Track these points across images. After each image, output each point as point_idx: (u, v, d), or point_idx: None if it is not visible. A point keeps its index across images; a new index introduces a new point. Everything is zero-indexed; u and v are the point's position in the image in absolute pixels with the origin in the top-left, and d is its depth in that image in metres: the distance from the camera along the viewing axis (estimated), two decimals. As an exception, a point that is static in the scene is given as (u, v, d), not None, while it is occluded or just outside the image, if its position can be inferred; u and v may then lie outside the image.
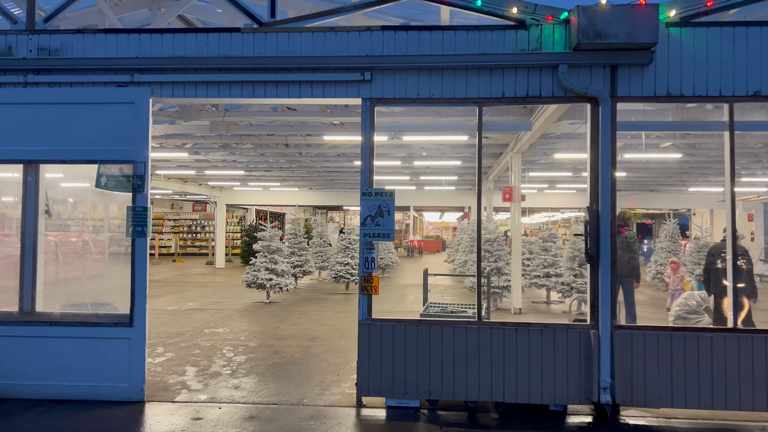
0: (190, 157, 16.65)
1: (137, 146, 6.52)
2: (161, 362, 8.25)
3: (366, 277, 6.36)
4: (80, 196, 7.78)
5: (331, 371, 7.79)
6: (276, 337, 10.14)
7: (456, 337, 6.21)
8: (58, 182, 7.50)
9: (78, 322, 6.54)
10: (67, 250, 7.64)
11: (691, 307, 9.87)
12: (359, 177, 22.25)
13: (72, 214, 7.82)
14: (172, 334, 10.39)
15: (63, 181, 7.64)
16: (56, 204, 7.24)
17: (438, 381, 6.18)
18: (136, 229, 6.48)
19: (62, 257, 7.48)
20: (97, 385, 6.43)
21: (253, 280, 14.64)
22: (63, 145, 6.56)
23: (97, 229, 8.03)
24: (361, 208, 6.37)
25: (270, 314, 12.89)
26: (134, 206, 6.49)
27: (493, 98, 6.29)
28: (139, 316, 6.47)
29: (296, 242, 19.29)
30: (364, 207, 6.36)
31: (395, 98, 6.38)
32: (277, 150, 15.36)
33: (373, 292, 6.35)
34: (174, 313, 12.93)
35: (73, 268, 7.70)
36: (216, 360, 8.42)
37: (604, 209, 6.09)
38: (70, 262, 7.65)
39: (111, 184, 6.48)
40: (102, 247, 7.99)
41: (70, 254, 7.67)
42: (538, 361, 6.09)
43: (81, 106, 6.57)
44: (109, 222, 8.33)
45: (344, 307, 14.04)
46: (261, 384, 7.15)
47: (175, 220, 35.54)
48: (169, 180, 23.02)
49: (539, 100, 6.30)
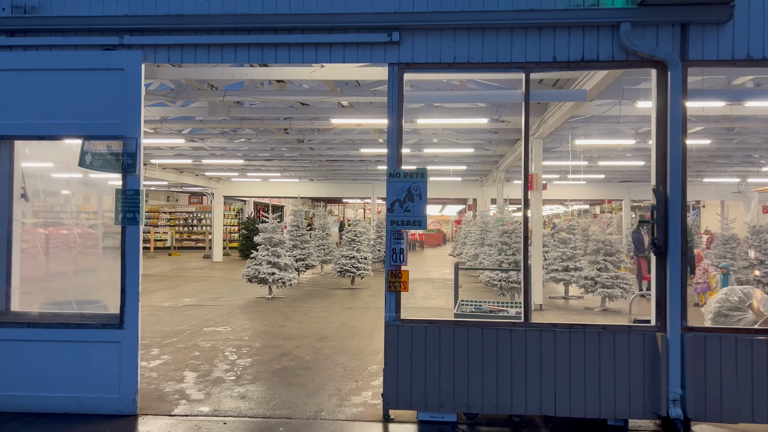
0: (186, 144, 15.71)
1: (127, 119, 5.61)
2: (157, 366, 7.37)
3: (394, 271, 5.49)
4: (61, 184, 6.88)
5: (347, 377, 6.93)
6: (282, 337, 9.26)
7: (499, 340, 5.34)
8: (32, 162, 6.60)
9: (60, 323, 5.65)
10: (51, 242, 6.75)
11: (732, 304, 9.04)
12: (364, 167, 21.46)
13: (54, 202, 6.93)
14: (169, 333, 9.51)
15: (40, 163, 6.75)
16: (39, 194, 6.35)
17: (478, 391, 5.32)
18: (126, 216, 5.58)
19: (44, 249, 6.58)
20: (83, 396, 5.55)
21: (255, 274, 13.76)
22: (41, 119, 5.65)
23: (81, 219, 7.13)
24: (387, 192, 5.49)
25: (273, 311, 12.01)
26: (124, 189, 5.59)
27: (542, 62, 5.39)
28: (131, 316, 5.59)
29: (298, 234, 18.40)
30: (391, 190, 5.48)
31: (428, 63, 5.48)
32: (279, 136, 14.45)
33: (402, 289, 5.48)
34: (170, 309, 12.04)
35: (57, 262, 6.81)
36: (218, 363, 7.55)
37: (674, 192, 5.22)
38: (53, 255, 6.76)
39: (97, 163, 5.58)
40: (90, 239, 7.10)
41: (54, 246, 6.78)
42: (596, 368, 5.23)
43: (62, 74, 5.66)
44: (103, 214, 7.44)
45: (352, 303, 13.18)
46: (270, 392, 6.28)
47: (170, 213, 34.64)
48: (165, 170, 22.06)
49: (596, 64, 5.42)
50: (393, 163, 5.51)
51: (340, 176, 25.39)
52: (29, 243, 6.38)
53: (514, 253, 12.93)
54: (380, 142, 15.59)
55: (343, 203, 48.13)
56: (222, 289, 15.61)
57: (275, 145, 16.42)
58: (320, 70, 8.11)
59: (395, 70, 5.51)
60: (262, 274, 13.65)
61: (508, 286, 12.65)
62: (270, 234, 14.19)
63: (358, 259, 16.18)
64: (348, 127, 12.55)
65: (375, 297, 14.30)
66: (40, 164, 6.72)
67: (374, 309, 12.29)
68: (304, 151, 17.40)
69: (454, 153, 16.79)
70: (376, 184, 26.89)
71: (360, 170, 22.83)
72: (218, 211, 26.93)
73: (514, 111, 10.82)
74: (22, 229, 6.17)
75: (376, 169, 22.07)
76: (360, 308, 12.40)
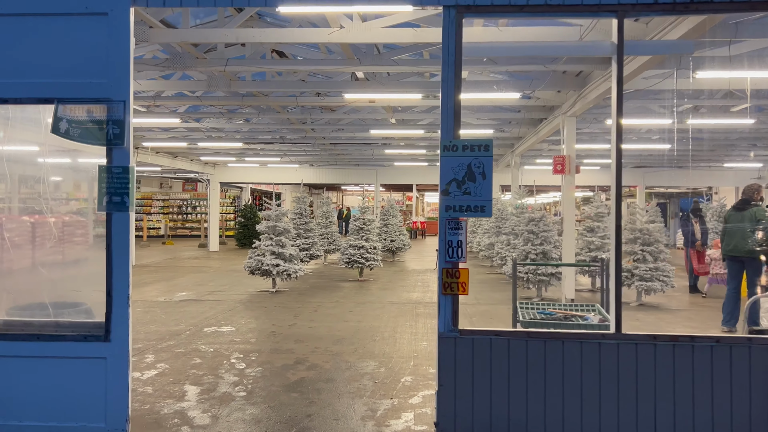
0: (182, 124, 14.49)
1: (113, 78, 4.44)
2: (152, 378, 6.26)
3: (450, 269, 4.36)
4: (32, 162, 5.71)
5: (379, 392, 5.83)
6: (294, 339, 8.15)
7: (585, 356, 4.25)
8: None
9: (29, 334, 4.51)
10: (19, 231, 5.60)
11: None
12: (370, 151, 20.20)
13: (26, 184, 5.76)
14: (165, 335, 8.39)
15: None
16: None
17: (557, 422, 4.23)
18: (113, 200, 4.43)
19: (13, 241, 5.43)
20: (60, 426, 4.43)
21: (257, 266, 12.61)
22: (3, 77, 4.48)
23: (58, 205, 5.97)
24: (441, 170, 4.36)
25: (280, 306, 10.90)
26: (110, 166, 4.44)
27: (640, 4, 4.25)
28: (120, 325, 4.45)
29: (302, 223, 17.27)
30: (445, 168, 4.35)
31: (493, 5, 4.33)
32: (283, 115, 13.25)
33: (460, 291, 4.36)
34: (166, 305, 10.91)
35: (28, 256, 5.66)
36: (223, 374, 6.43)
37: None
38: (23, 248, 5.61)
39: (75, 132, 4.42)
40: (72, 227, 5.95)
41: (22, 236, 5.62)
42: (707, 390, 4.15)
43: (31, 20, 4.48)
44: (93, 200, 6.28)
45: (364, 297, 12.08)
46: (290, 414, 5.17)
47: (164, 201, 33.35)
48: (158, 154, 20.81)
49: (711, 5, 4.27)
50: (448, 133, 4.37)
51: (343, 161, 24.21)
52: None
53: (542, 243, 11.84)
54: (392, 123, 14.43)
55: (342, 191, 46.91)
56: (221, 282, 14.47)
57: (278, 126, 15.23)
58: (339, 32, 6.96)
59: (452, 14, 4.35)
60: (266, 266, 12.51)
61: (536, 279, 11.57)
62: (274, 222, 13.03)
63: (368, 249, 15.04)
64: (361, 103, 11.38)
65: (387, 290, 13.20)
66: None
67: (389, 304, 11.19)
68: (308, 133, 16.21)
69: (472, 135, 15.62)
70: (379, 169, 25.74)
71: (365, 155, 21.64)
72: (214, 198, 25.73)
73: (552, 84, 9.66)
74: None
75: (382, 153, 20.90)
76: (374, 303, 11.30)
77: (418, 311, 10.44)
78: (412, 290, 13.23)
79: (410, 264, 19.60)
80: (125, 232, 4.47)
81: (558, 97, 11.11)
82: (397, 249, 20.99)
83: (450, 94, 4.32)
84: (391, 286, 13.90)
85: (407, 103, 11.87)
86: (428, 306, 11.01)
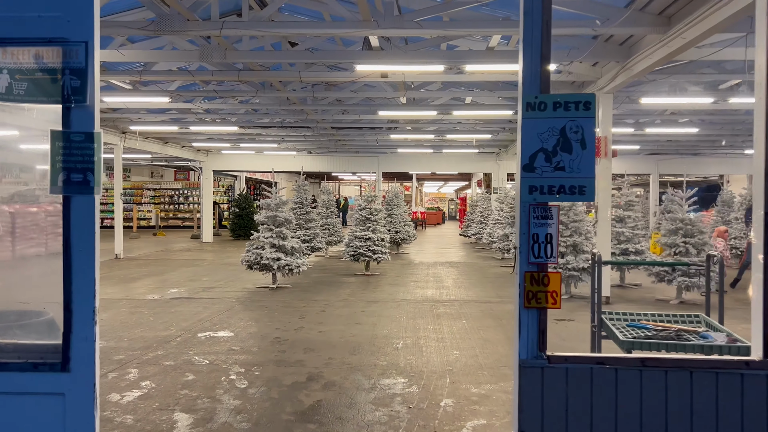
0: (171, 103, 13.21)
1: (72, 10, 3.22)
2: (134, 402, 5.08)
3: (535, 273, 3.18)
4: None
5: (418, 421, 4.67)
6: (303, 348, 6.99)
7: (720, 392, 3.10)
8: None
9: (-41, 362, 3.30)
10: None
11: None
12: (373, 136, 18.89)
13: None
14: (153, 342, 7.20)
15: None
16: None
17: (685, 480, 3.08)
18: (72, 178, 3.21)
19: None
20: (1, 485, 3.25)
21: (256, 260, 11.41)
22: None
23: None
24: (522, 137, 3.17)
25: (282, 306, 9.73)
26: (68, 131, 3.22)
27: None
28: (82, 349, 3.25)
29: (303, 213, 16.07)
30: (529, 133, 3.15)
31: None
32: (283, 93, 12.01)
33: (549, 304, 3.18)
34: (155, 304, 9.71)
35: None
36: (222, 396, 5.26)
37: None
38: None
39: (20, 87, 3.20)
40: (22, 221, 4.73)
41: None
42: None
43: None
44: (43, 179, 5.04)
45: (374, 295, 10.93)
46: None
47: (155, 190, 32.06)
48: (147, 140, 19.51)
49: None
50: (533, 86, 3.17)
51: (344, 147, 22.96)
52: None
53: (571, 234, 10.70)
54: (402, 103, 13.22)
55: (339, 180, 45.69)
56: (216, 276, 13.27)
57: (277, 107, 13.98)
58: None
59: None
60: (266, 260, 11.31)
61: (566, 274, 10.45)
62: (274, 212, 11.82)
63: (375, 240, 13.85)
64: (372, 77, 10.16)
65: (398, 286, 12.06)
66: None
67: (404, 303, 10.05)
68: (309, 115, 14.97)
69: (490, 116, 14.40)
70: (381, 156, 24.54)
71: (368, 140, 20.41)
72: (207, 186, 24.47)
73: (593, 54, 8.47)
74: None
75: (387, 138, 19.68)
76: (387, 302, 10.15)
77: (438, 311, 9.31)
78: (426, 286, 12.09)
79: (417, 256, 18.45)
80: (89, 222, 3.25)
81: (592, 72, 9.93)
82: (402, 240, 19.85)
83: (537, 24, 3.11)
84: (401, 282, 12.75)
85: (425, 78, 10.67)
86: (447, 305, 9.87)
